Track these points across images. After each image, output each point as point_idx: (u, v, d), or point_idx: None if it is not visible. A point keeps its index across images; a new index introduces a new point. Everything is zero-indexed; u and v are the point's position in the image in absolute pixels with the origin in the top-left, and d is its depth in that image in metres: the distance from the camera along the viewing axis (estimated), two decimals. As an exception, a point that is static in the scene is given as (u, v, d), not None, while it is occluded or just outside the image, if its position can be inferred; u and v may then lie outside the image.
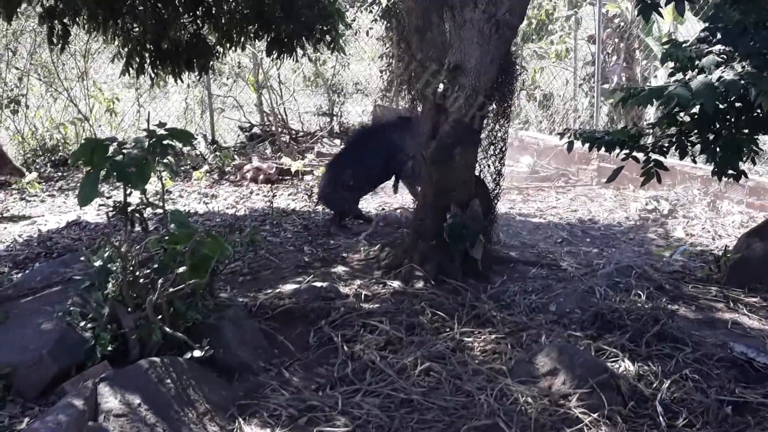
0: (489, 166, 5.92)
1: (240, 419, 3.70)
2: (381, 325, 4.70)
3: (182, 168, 10.94)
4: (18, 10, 7.24)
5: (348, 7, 11.92)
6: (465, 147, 5.45)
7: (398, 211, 7.87)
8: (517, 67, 5.86)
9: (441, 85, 5.39)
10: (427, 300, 5.08)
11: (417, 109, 5.92)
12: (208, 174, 10.80)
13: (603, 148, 5.19)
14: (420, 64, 5.66)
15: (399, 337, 4.57)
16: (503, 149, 5.93)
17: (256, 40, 8.28)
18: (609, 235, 7.32)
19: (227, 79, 14.16)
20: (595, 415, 3.67)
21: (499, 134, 5.82)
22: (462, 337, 4.60)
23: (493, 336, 4.61)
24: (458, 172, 5.51)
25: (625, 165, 5.30)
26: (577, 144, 5.33)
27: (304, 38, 7.76)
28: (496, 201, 5.96)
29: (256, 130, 13.32)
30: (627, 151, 5.20)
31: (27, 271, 5.85)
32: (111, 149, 4.14)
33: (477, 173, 5.76)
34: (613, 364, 4.18)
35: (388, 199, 8.69)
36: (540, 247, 6.59)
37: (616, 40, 12.26)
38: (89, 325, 4.08)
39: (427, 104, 5.61)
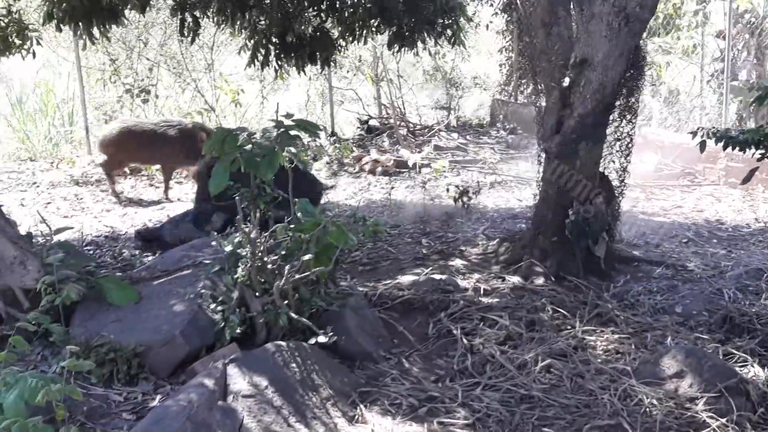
0: (614, 162, 5.79)
1: (361, 406, 3.75)
2: (500, 319, 4.69)
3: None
4: (150, 2, 7.54)
5: (469, 0, 11.87)
6: (590, 142, 5.38)
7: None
8: (646, 61, 5.71)
9: (567, 79, 5.33)
10: (547, 296, 5.04)
11: (539, 103, 5.84)
12: (327, 165, 10.98)
13: (737, 148, 4.99)
14: (545, 57, 5.60)
15: (519, 333, 4.54)
16: (629, 145, 5.79)
17: (378, 34, 8.36)
18: (737, 237, 7.05)
19: (347, 72, 14.34)
20: (723, 420, 3.56)
21: (625, 130, 5.69)
22: (584, 335, 4.54)
23: (616, 336, 4.53)
24: (582, 168, 5.44)
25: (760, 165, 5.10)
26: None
27: (425, 32, 7.80)
28: (620, 198, 5.83)
29: (374, 122, 13.45)
30: (763, 151, 5.00)
31: (158, 254, 6.09)
32: (240, 139, 4.28)
33: (601, 169, 5.65)
34: (742, 369, 4.06)
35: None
36: (664, 246, 6.42)
37: (747, 36, 11.80)
38: (219, 308, 4.22)
39: (551, 98, 5.55)
